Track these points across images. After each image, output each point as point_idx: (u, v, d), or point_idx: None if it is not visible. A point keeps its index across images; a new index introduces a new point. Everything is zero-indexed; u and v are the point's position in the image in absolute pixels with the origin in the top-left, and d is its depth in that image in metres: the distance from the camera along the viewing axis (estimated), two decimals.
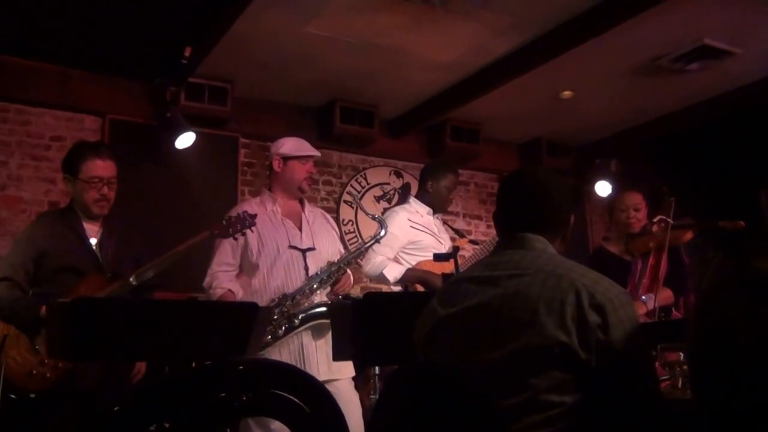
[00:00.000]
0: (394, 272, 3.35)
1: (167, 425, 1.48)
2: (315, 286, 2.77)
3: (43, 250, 2.53)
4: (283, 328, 2.69)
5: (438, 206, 3.61)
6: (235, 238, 2.66)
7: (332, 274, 2.80)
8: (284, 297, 2.74)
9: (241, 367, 1.65)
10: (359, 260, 3.38)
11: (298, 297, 2.74)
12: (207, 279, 2.81)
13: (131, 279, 2.47)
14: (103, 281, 2.51)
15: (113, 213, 2.71)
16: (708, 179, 4.69)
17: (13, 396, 2.32)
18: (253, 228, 2.66)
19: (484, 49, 4.09)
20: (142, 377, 2.64)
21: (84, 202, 2.60)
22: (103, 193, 2.59)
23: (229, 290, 2.76)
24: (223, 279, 2.78)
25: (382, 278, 3.38)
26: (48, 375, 2.38)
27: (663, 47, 4.09)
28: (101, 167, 2.59)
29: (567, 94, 4.77)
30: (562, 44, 3.88)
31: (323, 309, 2.73)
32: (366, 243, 3.02)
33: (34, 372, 2.36)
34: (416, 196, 3.63)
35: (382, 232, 2.97)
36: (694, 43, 4.00)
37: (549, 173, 1.64)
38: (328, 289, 2.85)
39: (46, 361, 2.39)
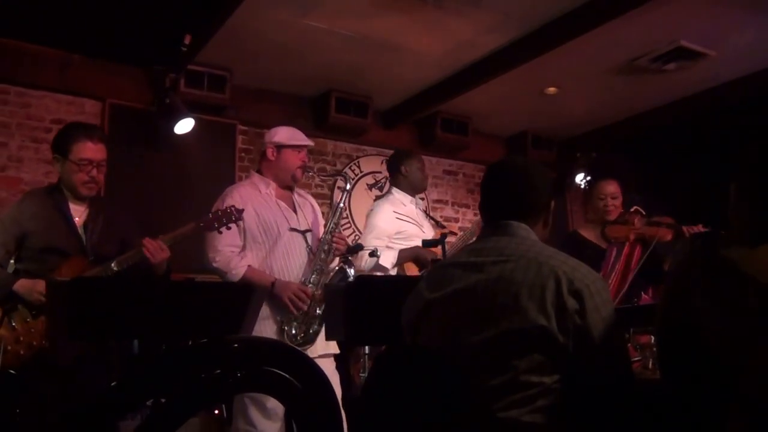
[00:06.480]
0: (389, 258, 3.44)
1: (163, 400, 1.53)
2: (325, 257, 2.83)
3: (26, 229, 2.48)
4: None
5: (418, 187, 3.69)
6: (220, 232, 2.62)
7: (329, 243, 2.85)
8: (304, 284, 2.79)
9: (235, 345, 1.66)
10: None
11: (315, 277, 2.79)
12: (219, 260, 2.76)
13: (113, 265, 2.43)
14: (85, 264, 2.47)
15: (100, 194, 2.67)
16: (682, 173, 4.87)
17: None
18: (239, 222, 2.66)
19: (473, 45, 4.18)
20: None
21: (72, 183, 2.55)
22: (92, 175, 2.55)
23: (249, 266, 2.78)
24: (237, 259, 2.78)
25: (379, 268, 3.44)
26: (22, 353, 2.34)
27: (642, 48, 4.20)
28: (92, 150, 2.54)
29: (552, 90, 4.86)
30: (548, 42, 3.98)
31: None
32: (339, 202, 2.97)
33: (9, 348, 2.32)
34: (395, 186, 3.71)
35: (348, 187, 3.08)
36: (671, 44, 4.12)
37: (529, 162, 1.68)
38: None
39: (21, 338, 2.34)
